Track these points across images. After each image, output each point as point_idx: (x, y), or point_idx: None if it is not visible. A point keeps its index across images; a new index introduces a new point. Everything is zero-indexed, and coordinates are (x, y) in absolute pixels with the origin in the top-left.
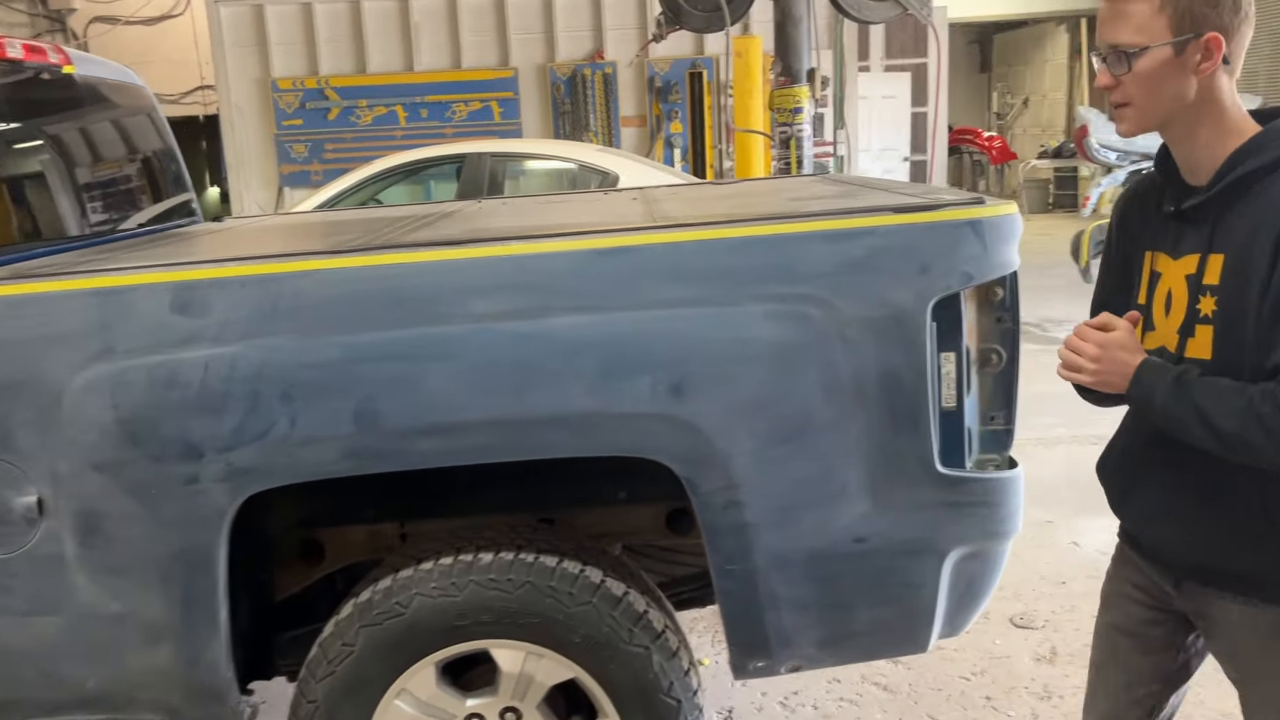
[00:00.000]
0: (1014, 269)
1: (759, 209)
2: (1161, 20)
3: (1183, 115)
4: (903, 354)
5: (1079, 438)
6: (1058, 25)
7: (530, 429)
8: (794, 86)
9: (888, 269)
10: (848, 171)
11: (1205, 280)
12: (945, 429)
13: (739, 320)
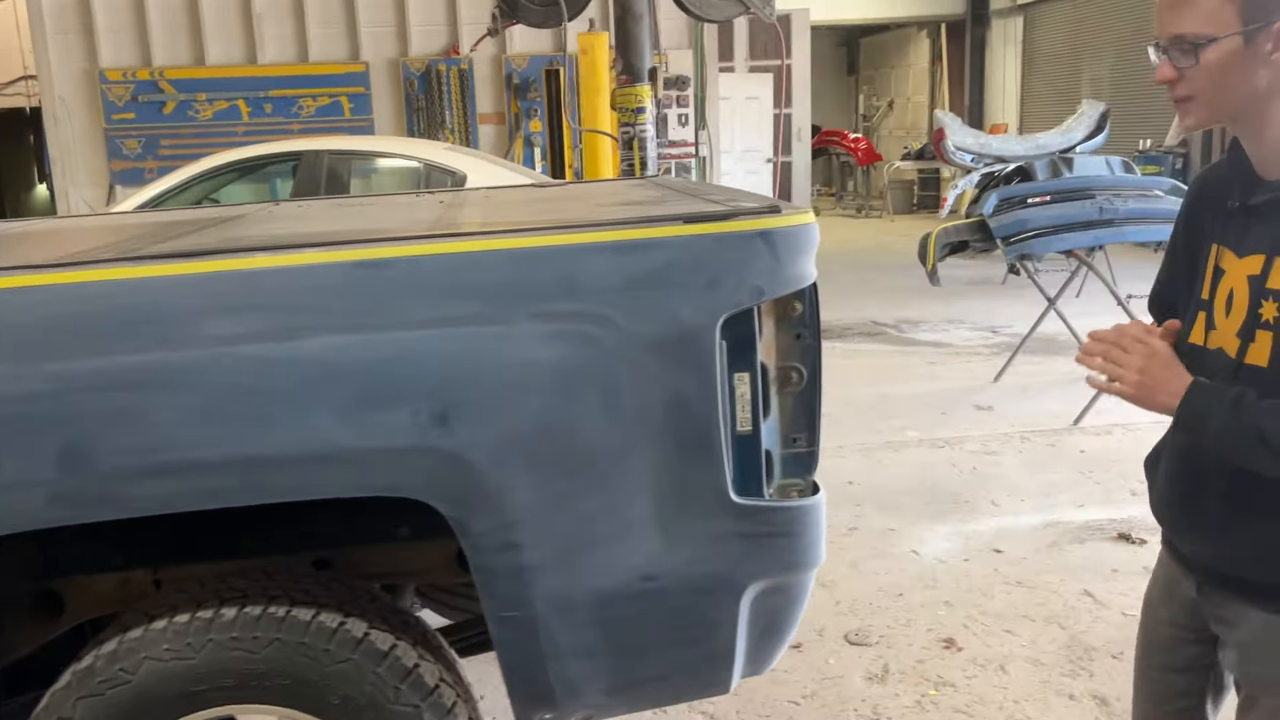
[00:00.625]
0: (811, 281)
1: (554, 216)
2: (1230, 8)
3: (1253, 108)
4: (691, 376)
5: (929, 441)
6: (919, 30)
7: (273, 468)
8: (636, 85)
9: (674, 284)
10: (711, 173)
11: (1270, 284)
12: (741, 455)
13: (514, 341)
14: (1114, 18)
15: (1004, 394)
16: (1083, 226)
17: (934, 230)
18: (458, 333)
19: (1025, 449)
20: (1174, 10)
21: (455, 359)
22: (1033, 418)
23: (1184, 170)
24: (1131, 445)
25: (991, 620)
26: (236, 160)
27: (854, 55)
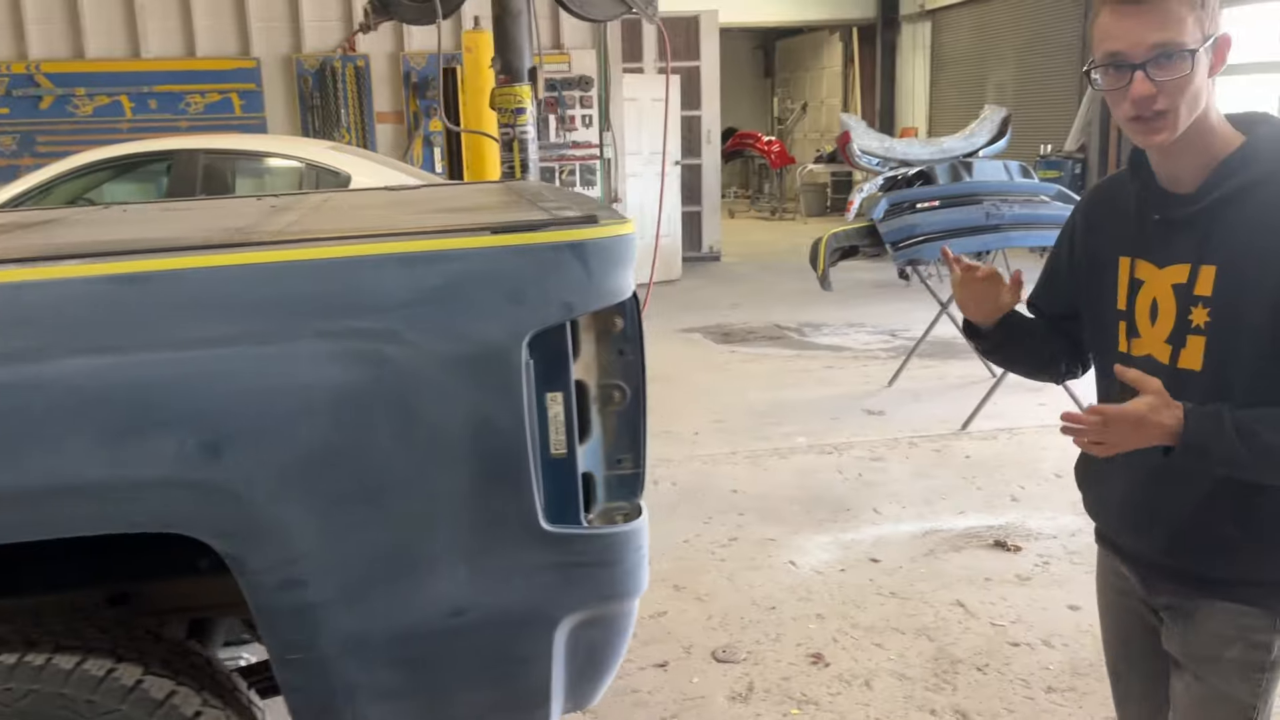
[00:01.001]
0: (628, 295)
1: (372, 223)
2: (1192, 21)
3: (1195, 124)
4: (494, 397)
5: (818, 447)
6: (832, 34)
7: (22, 503)
8: (515, 85)
9: (473, 299)
10: (616, 174)
11: (1197, 291)
12: (555, 480)
13: (295, 361)
14: (1016, 24)
15: (896, 399)
16: (970, 231)
17: (824, 235)
18: (229, 353)
19: (912, 455)
20: (1151, 20)
21: (226, 382)
22: (922, 423)
23: (1083, 175)
24: (1015, 449)
25: (862, 634)
26: (104, 159)
27: (770, 58)
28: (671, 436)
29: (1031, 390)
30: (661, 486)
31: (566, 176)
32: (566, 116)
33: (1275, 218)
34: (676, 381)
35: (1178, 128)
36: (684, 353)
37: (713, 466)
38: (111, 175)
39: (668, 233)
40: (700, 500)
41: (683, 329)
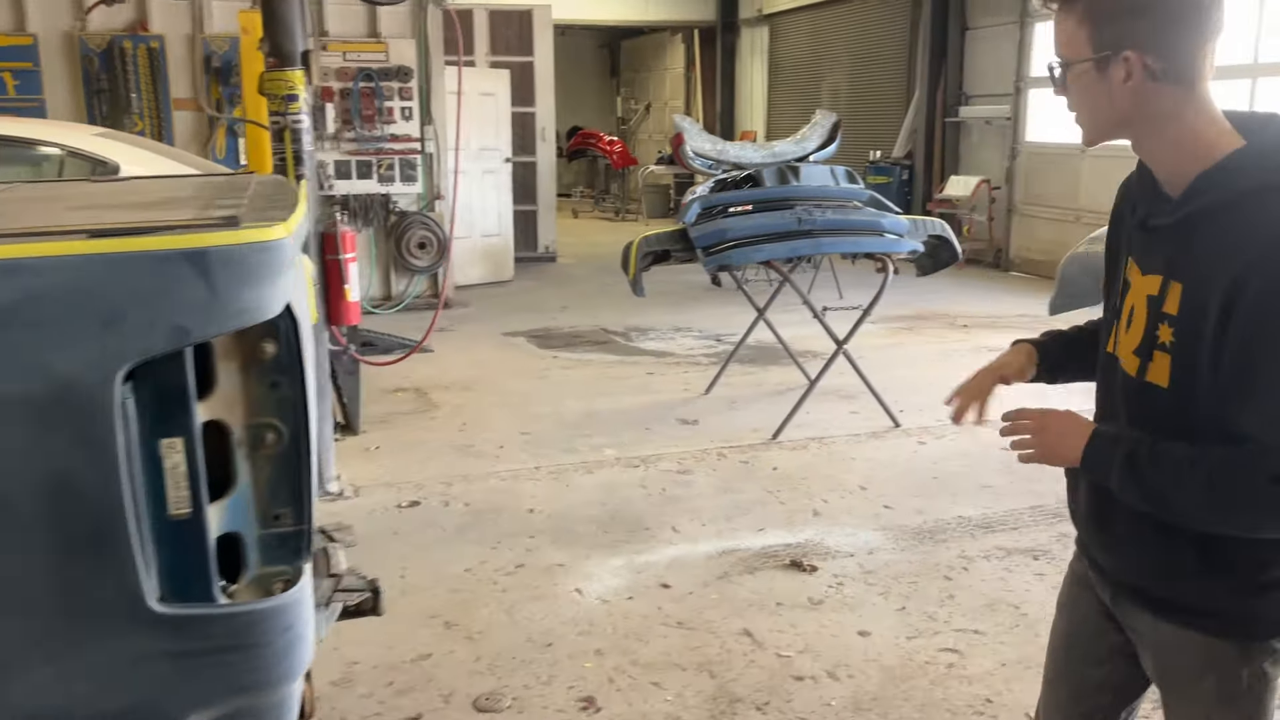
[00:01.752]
0: (274, 314)
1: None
2: (1083, 34)
3: (1129, 130)
4: (76, 448)
5: (625, 460)
6: (674, 35)
7: None
8: (285, 70)
9: (51, 323)
10: (438, 170)
11: (1165, 307)
12: (176, 548)
13: None
14: (848, 31)
15: (712, 407)
16: (781, 237)
17: (635, 239)
18: None
19: (720, 466)
20: (1057, 30)
21: None
22: (734, 432)
23: (909, 181)
24: (824, 460)
25: (640, 671)
26: None
27: (615, 57)
28: (472, 452)
29: (845, 398)
30: (452, 509)
31: (385, 171)
32: (384, 108)
33: (1241, 245)
34: (488, 390)
35: (1091, 134)
36: (502, 359)
37: (512, 484)
38: None
39: (498, 232)
40: (492, 523)
41: (506, 332)
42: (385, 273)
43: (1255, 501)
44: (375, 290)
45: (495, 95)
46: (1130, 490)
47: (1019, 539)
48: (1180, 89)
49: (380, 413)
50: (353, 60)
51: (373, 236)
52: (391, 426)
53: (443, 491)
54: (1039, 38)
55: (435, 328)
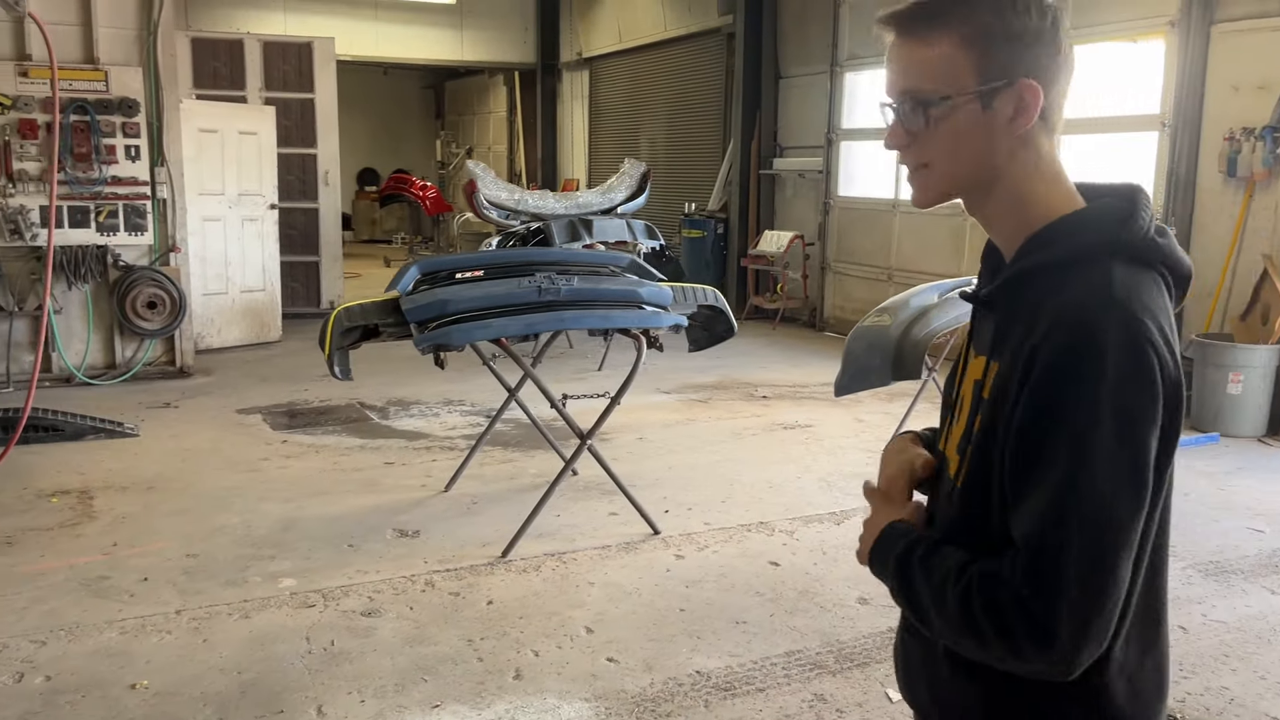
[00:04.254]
0: None
1: None
2: (965, 61)
3: (988, 184)
4: None
5: (302, 594)
6: (492, 77)
7: None
8: None
9: None
10: (173, 217)
11: (984, 393)
12: None
13: None
14: (665, 79)
15: (445, 510)
16: (515, 310)
17: (336, 309)
18: None
19: (420, 603)
20: (902, 61)
21: None
22: (459, 547)
23: (725, 235)
24: (554, 587)
25: None
26: None
27: (441, 100)
28: (103, 589)
29: (607, 494)
30: (25, 686)
31: (105, 219)
32: (104, 146)
33: (1040, 317)
34: (175, 492)
35: (940, 189)
36: (219, 445)
37: (131, 641)
38: None
39: (261, 286)
40: (67, 711)
41: (242, 409)
42: (108, 337)
43: (1004, 622)
44: (95, 357)
45: (258, 134)
46: (898, 597)
47: (763, 706)
48: (1049, 135)
49: (12, 528)
50: (63, 90)
51: (89, 295)
52: (15, 550)
53: (28, 655)
54: (849, 87)
55: (161, 403)
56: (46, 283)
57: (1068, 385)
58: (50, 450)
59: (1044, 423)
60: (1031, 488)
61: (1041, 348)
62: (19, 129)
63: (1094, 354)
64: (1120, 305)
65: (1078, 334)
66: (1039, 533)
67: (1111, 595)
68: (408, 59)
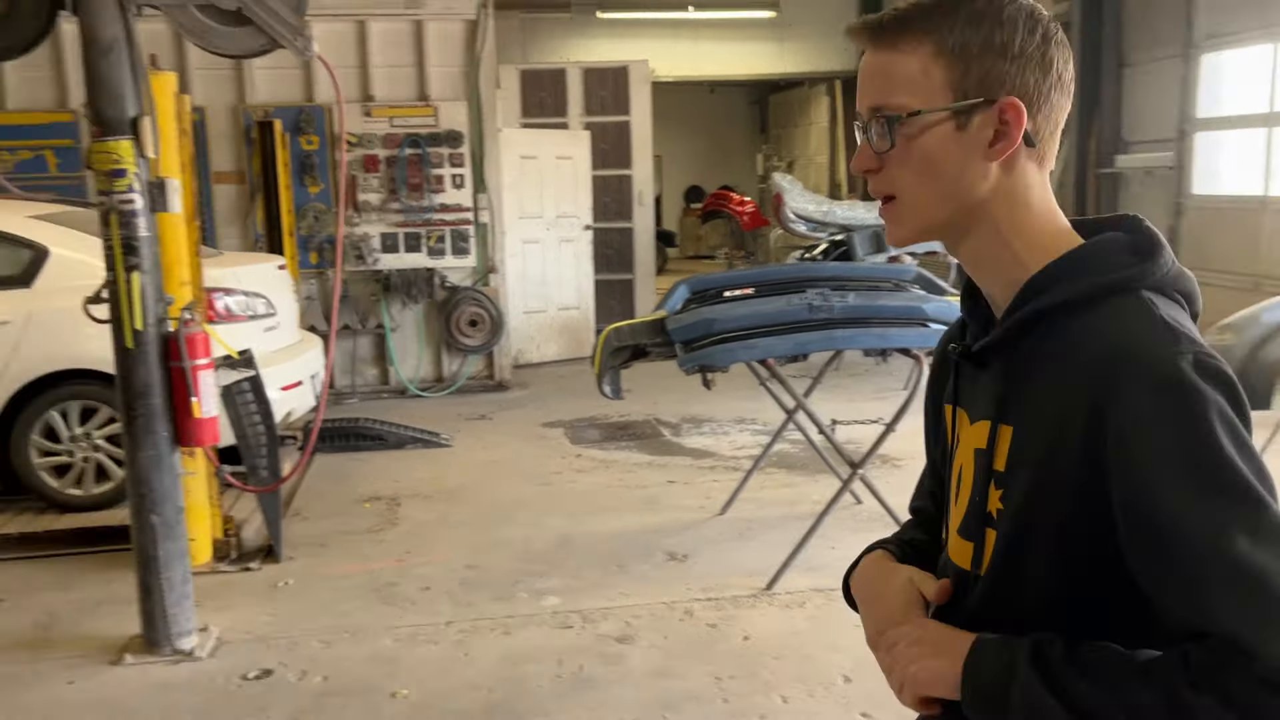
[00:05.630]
0: None
1: None
2: (937, 75)
3: (969, 218)
4: None
5: (564, 614)
6: (812, 87)
7: None
8: (110, 140)
9: None
10: (493, 240)
11: (995, 464)
12: None
13: None
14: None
15: (717, 534)
16: (784, 329)
17: (607, 328)
18: None
19: (675, 633)
20: (872, 75)
21: None
22: (724, 575)
23: None
24: (816, 626)
25: None
26: None
27: (765, 114)
28: (388, 596)
29: (891, 528)
30: (305, 685)
31: (435, 243)
32: (433, 176)
33: (1075, 364)
34: (471, 502)
35: (909, 223)
36: (520, 456)
37: (401, 650)
38: None
39: (576, 304)
40: (335, 714)
41: (547, 422)
42: (436, 352)
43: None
44: (425, 371)
45: (574, 158)
46: (1046, 710)
47: None
48: (1039, 164)
49: (328, 531)
50: (400, 126)
51: (421, 314)
52: (325, 552)
53: (314, 656)
54: (1207, 71)
55: (477, 415)
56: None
57: (1184, 434)
58: (374, 458)
59: (1178, 485)
60: (1192, 561)
61: (1117, 397)
62: (363, 164)
63: (1190, 394)
64: (1185, 337)
65: (1161, 372)
66: (1253, 601)
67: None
68: (727, 75)
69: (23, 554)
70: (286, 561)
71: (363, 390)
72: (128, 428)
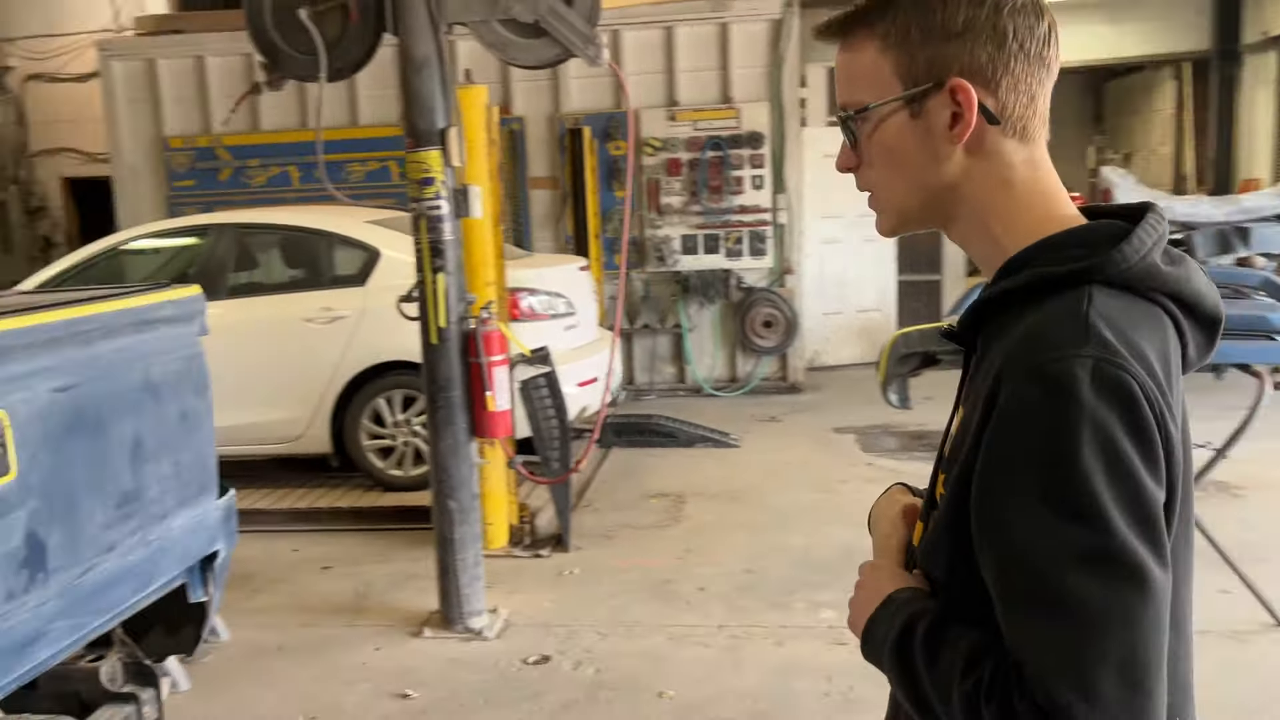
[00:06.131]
0: None
1: None
2: (885, 66)
3: (948, 205)
4: None
5: (836, 632)
6: (1158, 69)
7: None
8: (421, 150)
9: None
10: (790, 241)
11: (948, 449)
12: None
13: None
14: None
15: None
16: None
17: (893, 334)
18: None
19: None
20: (839, 73)
21: None
22: None
23: None
24: None
25: None
26: (138, 235)
27: (1100, 103)
28: (666, 593)
29: (1222, 565)
30: (579, 675)
31: (732, 244)
32: (732, 178)
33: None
34: (754, 504)
35: (888, 215)
36: (808, 461)
37: (672, 649)
38: (150, 251)
39: (877, 307)
40: (604, 708)
41: (837, 427)
42: (731, 353)
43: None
44: (720, 371)
45: None
46: (897, 684)
47: None
48: (1020, 138)
49: (615, 524)
50: (702, 129)
51: (717, 314)
52: (610, 544)
53: (589, 646)
54: None
55: (767, 416)
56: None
57: (1046, 440)
58: (665, 454)
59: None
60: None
61: (1001, 389)
62: (666, 168)
63: (1068, 399)
64: (1095, 338)
65: (1045, 370)
66: (1056, 629)
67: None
68: (1071, 62)
69: (352, 526)
70: (574, 551)
71: (660, 387)
72: (431, 417)
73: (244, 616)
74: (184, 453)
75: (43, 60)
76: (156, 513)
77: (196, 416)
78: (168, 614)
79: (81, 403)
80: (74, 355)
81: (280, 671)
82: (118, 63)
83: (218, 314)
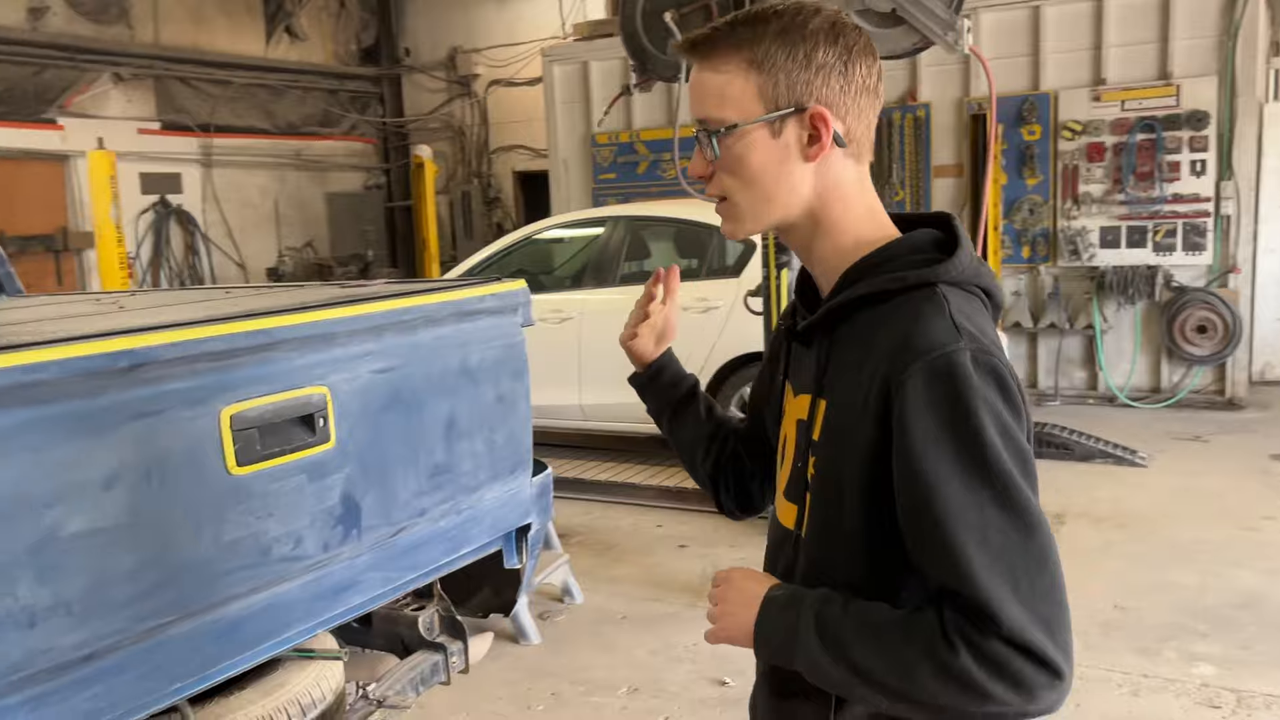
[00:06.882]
0: None
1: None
2: (750, 89)
3: (794, 215)
4: None
5: (1211, 692)
6: None
7: None
8: None
9: None
10: (1236, 236)
11: (812, 434)
12: None
13: None
14: None
15: None
16: None
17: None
18: None
19: None
20: (697, 89)
21: None
22: None
23: None
24: None
25: None
26: (541, 228)
27: None
28: None
29: None
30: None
31: (1162, 238)
32: (1166, 163)
33: (876, 348)
34: (1145, 535)
35: (742, 221)
36: (1225, 489)
37: None
38: (564, 241)
39: None
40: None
41: (1277, 453)
42: (1154, 359)
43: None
44: (1138, 379)
45: None
46: (821, 669)
47: None
48: (856, 161)
49: None
50: (1132, 109)
51: (1138, 315)
52: None
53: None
54: None
55: (1190, 435)
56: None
57: (953, 419)
58: (1055, 468)
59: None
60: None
61: (901, 381)
62: (1086, 153)
63: (960, 384)
64: (966, 333)
65: (938, 364)
66: (997, 570)
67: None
68: None
69: (711, 509)
70: None
71: (1066, 393)
72: None
73: (601, 584)
74: (498, 432)
75: (503, 67)
76: (468, 485)
77: (513, 399)
78: (494, 577)
79: (399, 384)
80: (396, 341)
81: (619, 640)
82: (557, 66)
83: (609, 299)
